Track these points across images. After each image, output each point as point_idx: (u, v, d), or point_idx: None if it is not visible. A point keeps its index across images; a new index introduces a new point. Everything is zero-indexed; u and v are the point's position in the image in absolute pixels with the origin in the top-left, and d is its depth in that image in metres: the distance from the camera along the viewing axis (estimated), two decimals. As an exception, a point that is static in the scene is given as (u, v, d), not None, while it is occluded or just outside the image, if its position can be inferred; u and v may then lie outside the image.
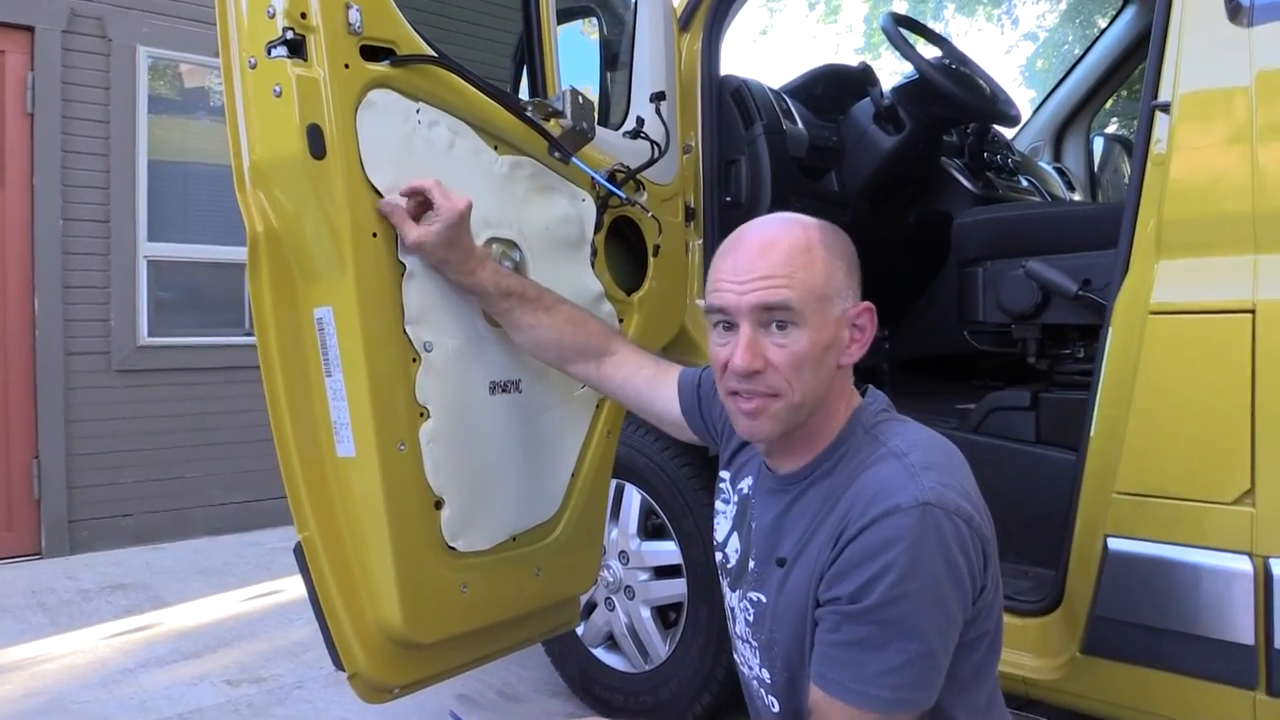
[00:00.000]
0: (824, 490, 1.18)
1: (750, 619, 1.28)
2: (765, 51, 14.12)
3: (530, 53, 1.81)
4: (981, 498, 1.15)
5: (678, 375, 1.56)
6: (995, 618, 1.18)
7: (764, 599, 1.25)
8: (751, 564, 1.29)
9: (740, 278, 1.14)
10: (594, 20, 2.48)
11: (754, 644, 1.28)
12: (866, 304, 1.20)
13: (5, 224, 4.02)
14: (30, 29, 4.01)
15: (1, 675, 2.79)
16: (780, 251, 1.13)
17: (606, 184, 1.83)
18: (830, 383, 1.17)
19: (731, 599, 1.35)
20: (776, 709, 1.26)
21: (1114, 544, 1.58)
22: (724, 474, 1.44)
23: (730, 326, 1.16)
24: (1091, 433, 1.64)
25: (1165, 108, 1.56)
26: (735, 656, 1.38)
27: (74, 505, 4.15)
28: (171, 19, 4.37)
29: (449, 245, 1.45)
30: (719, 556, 1.41)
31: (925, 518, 1.05)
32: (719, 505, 1.43)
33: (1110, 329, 1.62)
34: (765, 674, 1.27)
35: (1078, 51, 3.80)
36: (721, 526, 1.41)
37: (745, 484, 1.37)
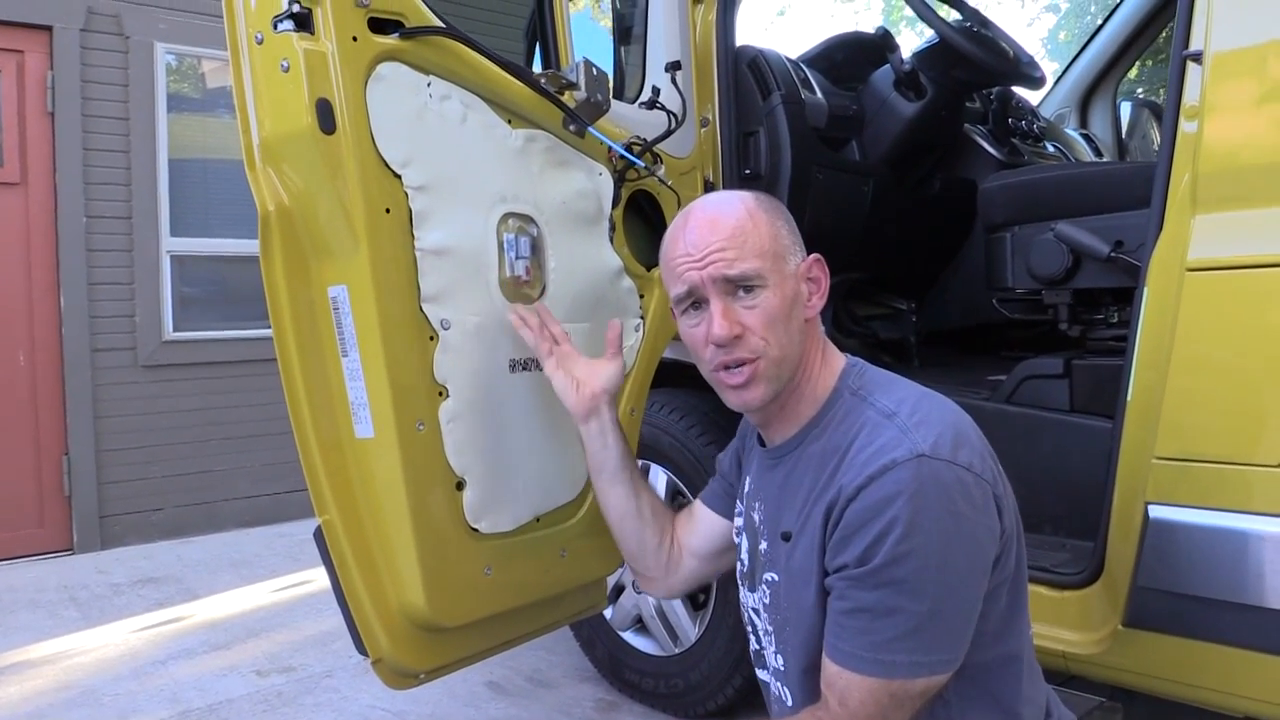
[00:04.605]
0: (818, 455, 1.17)
1: (768, 602, 1.25)
2: (783, 32, 14.00)
3: (542, 25, 1.78)
4: (985, 443, 1.13)
5: (699, 498, 1.57)
6: (1013, 564, 1.14)
7: (776, 577, 1.23)
8: (763, 545, 1.27)
9: (696, 255, 1.18)
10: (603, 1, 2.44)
11: (771, 630, 1.25)
12: (815, 256, 1.25)
13: (29, 223, 4.04)
14: (48, 28, 4.03)
15: (34, 669, 2.81)
16: (727, 223, 1.18)
17: (624, 153, 1.79)
18: (803, 337, 1.20)
19: (751, 600, 1.32)
20: (790, 702, 1.22)
21: (1155, 511, 1.54)
22: (739, 504, 1.43)
23: (699, 305, 1.20)
24: (1129, 397, 1.59)
25: (1197, 58, 1.51)
26: (759, 675, 1.34)
27: (104, 500, 4.18)
28: (187, 14, 4.37)
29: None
30: (738, 568, 1.39)
31: (922, 469, 1.03)
32: (736, 523, 1.42)
33: (1145, 289, 1.56)
34: (779, 661, 1.23)
35: (1101, 21, 3.71)
36: (739, 540, 1.39)
37: (747, 484, 1.37)
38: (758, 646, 1.32)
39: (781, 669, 1.23)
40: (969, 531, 1.05)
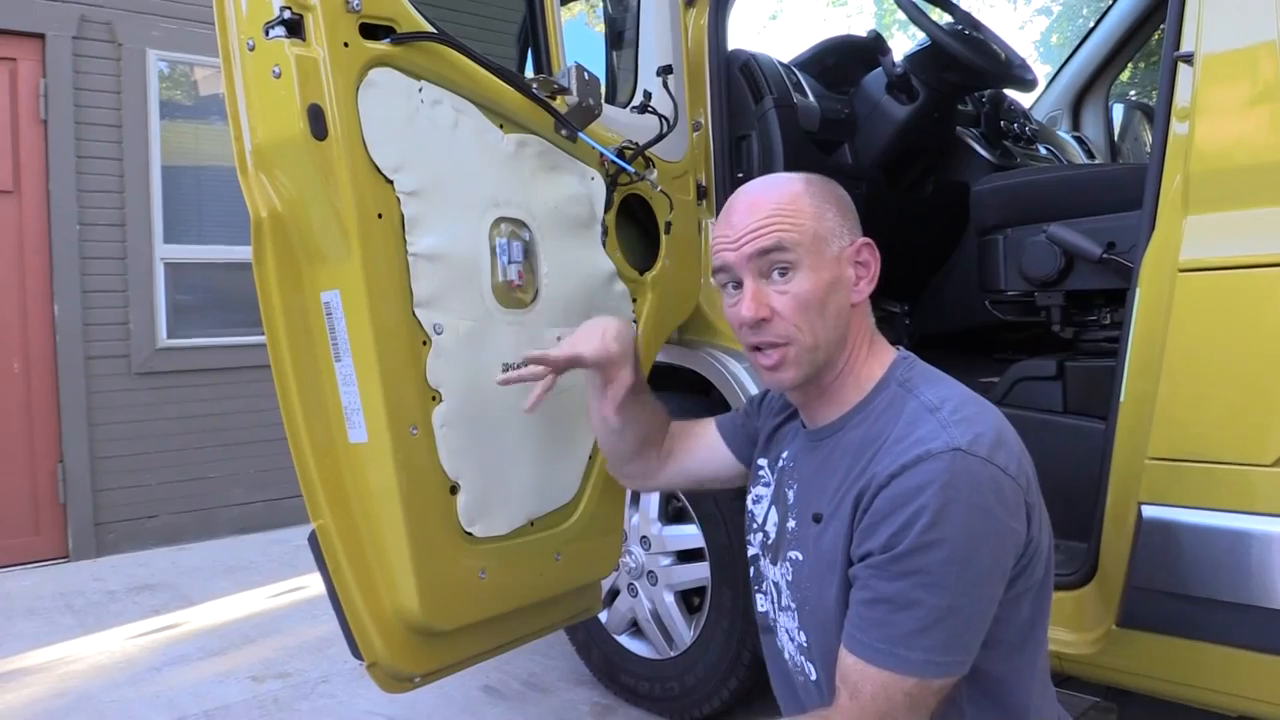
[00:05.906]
0: (857, 442, 1.16)
1: (790, 579, 1.25)
2: (775, 36, 14.03)
3: (534, 29, 1.78)
4: (1024, 450, 1.12)
5: (713, 420, 1.58)
6: (1040, 575, 1.13)
7: (800, 556, 1.22)
8: (791, 523, 1.26)
9: (733, 235, 1.19)
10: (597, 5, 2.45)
11: (793, 606, 1.25)
12: (865, 239, 1.22)
13: (23, 231, 4.04)
14: (41, 36, 4.03)
15: (30, 676, 2.81)
16: (767, 204, 1.18)
17: (615, 158, 1.80)
18: (846, 322, 1.20)
19: (773, 573, 1.31)
20: (814, 675, 1.22)
21: (1148, 511, 1.54)
22: (760, 461, 1.43)
23: (738, 285, 1.20)
24: (1121, 398, 1.59)
25: (1188, 59, 1.51)
26: (776, 641, 1.33)
27: (99, 508, 4.17)
28: (180, 21, 4.37)
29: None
30: (759, 537, 1.37)
31: (956, 463, 1.03)
32: (758, 491, 1.41)
33: (1137, 290, 1.57)
34: (803, 637, 1.23)
35: (1093, 24, 3.72)
36: (760, 508, 1.38)
37: (784, 456, 1.36)
38: (767, 609, 1.32)
39: (805, 645, 1.23)
40: (996, 531, 1.04)
